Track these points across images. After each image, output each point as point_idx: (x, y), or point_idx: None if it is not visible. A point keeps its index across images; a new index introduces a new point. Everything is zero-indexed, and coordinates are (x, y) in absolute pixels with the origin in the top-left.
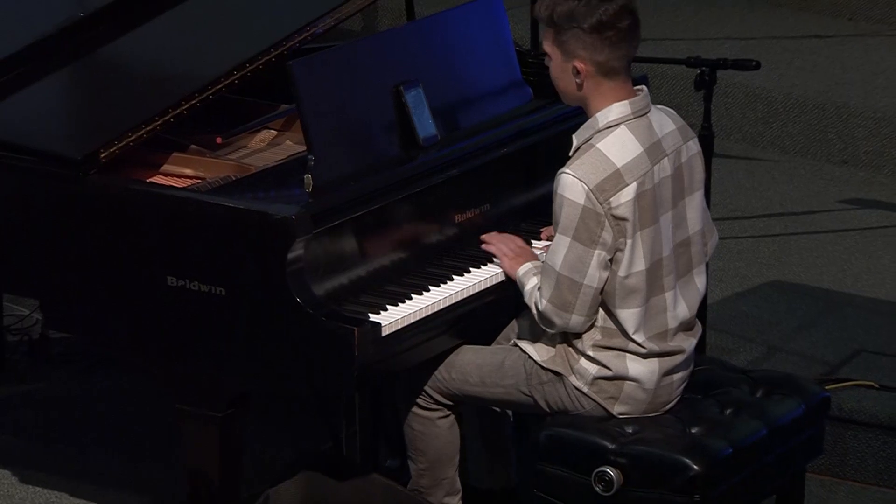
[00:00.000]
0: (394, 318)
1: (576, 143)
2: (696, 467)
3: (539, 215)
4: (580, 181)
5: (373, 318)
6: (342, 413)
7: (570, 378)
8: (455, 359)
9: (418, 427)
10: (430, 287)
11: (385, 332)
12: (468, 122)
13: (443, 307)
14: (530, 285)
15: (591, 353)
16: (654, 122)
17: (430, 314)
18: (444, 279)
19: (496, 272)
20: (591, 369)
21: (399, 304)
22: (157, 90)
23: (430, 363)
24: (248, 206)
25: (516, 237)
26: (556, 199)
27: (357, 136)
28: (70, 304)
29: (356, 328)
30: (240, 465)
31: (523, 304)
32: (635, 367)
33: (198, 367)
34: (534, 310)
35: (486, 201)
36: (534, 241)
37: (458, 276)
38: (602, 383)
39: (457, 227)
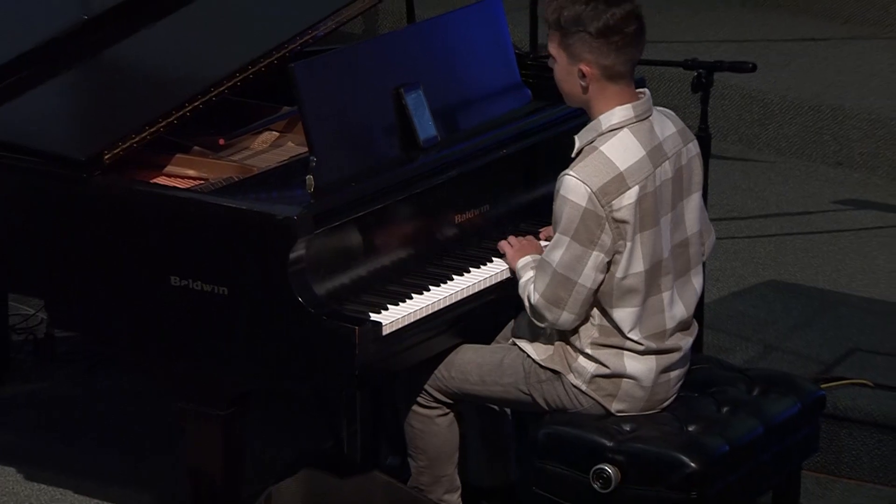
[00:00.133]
0: (394, 317)
1: (578, 144)
2: (693, 465)
3: (538, 216)
4: (583, 184)
5: (374, 317)
6: (343, 411)
7: (568, 376)
8: (455, 357)
9: (418, 425)
10: (431, 287)
11: (386, 332)
12: (468, 124)
13: (443, 307)
14: (525, 278)
15: (589, 351)
16: (655, 124)
17: (430, 313)
18: (444, 279)
19: (496, 272)
20: (590, 367)
21: (400, 303)
22: (160, 92)
23: (430, 362)
24: (251, 207)
25: (531, 238)
26: (558, 200)
27: (358, 137)
28: (74, 304)
29: (357, 327)
30: (242, 464)
31: (522, 304)
32: (633, 364)
33: (200, 365)
34: (526, 302)
35: (485, 202)
36: None
37: (458, 275)
38: (600, 381)
39: (457, 228)
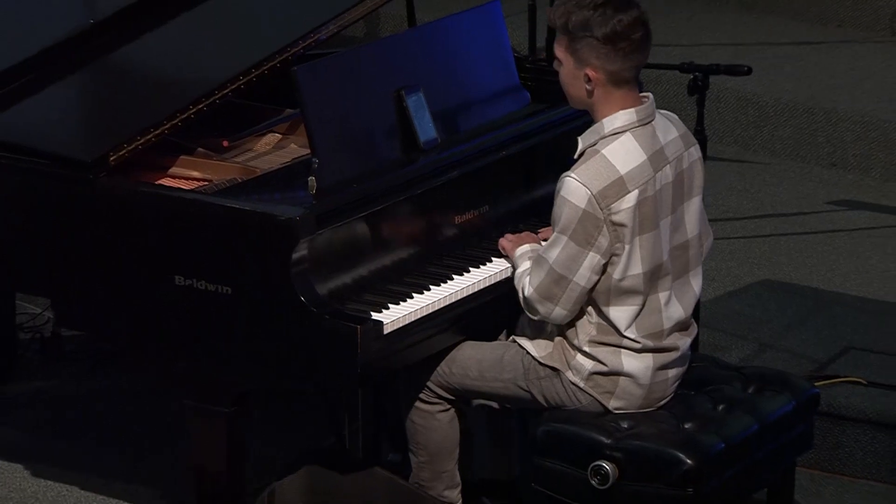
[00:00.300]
0: (395, 316)
1: (581, 146)
2: (689, 462)
3: (537, 216)
4: (584, 186)
5: (375, 316)
6: (345, 409)
7: (566, 373)
8: (456, 354)
9: (419, 420)
10: (431, 286)
11: (387, 330)
12: (468, 126)
13: (443, 306)
14: (521, 268)
15: (586, 348)
16: (658, 129)
17: (430, 312)
18: (444, 278)
19: (495, 272)
20: (587, 365)
21: (400, 302)
22: (165, 95)
23: (432, 359)
24: (254, 208)
25: (529, 232)
26: (559, 201)
27: (359, 139)
28: (80, 303)
29: (359, 326)
30: (245, 460)
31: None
32: (630, 362)
33: (204, 364)
34: (520, 294)
35: (485, 203)
36: None
37: (458, 275)
38: (598, 378)
39: (457, 228)
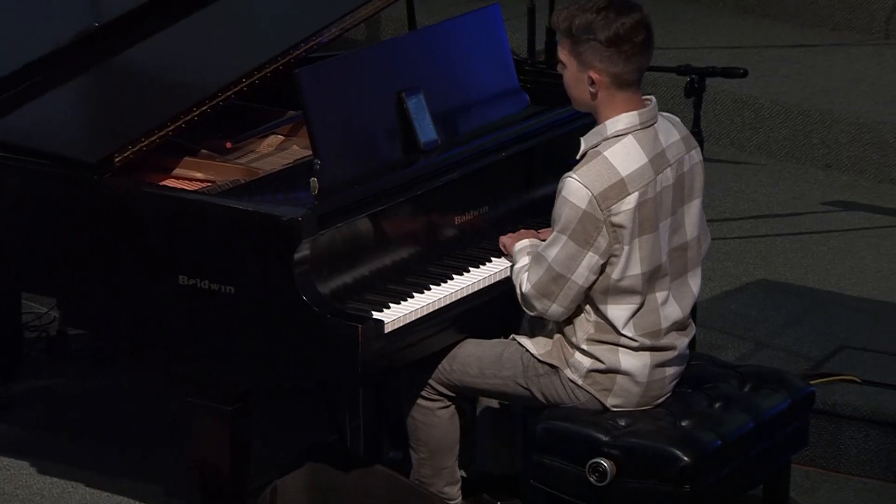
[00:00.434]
0: (396, 315)
1: (583, 146)
2: (686, 459)
3: (536, 216)
4: (585, 187)
5: (376, 315)
6: (346, 407)
7: (565, 371)
8: (457, 351)
9: (419, 417)
10: (431, 286)
11: (388, 329)
12: (468, 128)
13: (443, 305)
14: (520, 263)
15: (585, 346)
16: (660, 131)
17: (431, 312)
18: (444, 278)
19: (495, 271)
20: (585, 362)
21: (401, 302)
22: (169, 97)
23: (433, 357)
24: (257, 209)
25: (527, 230)
26: (559, 200)
27: (361, 141)
28: (85, 302)
29: (360, 325)
30: (248, 457)
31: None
32: (627, 360)
33: (207, 362)
34: (517, 289)
35: (484, 203)
36: None
37: (458, 275)
38: (596, 376)
39: (457, 229)
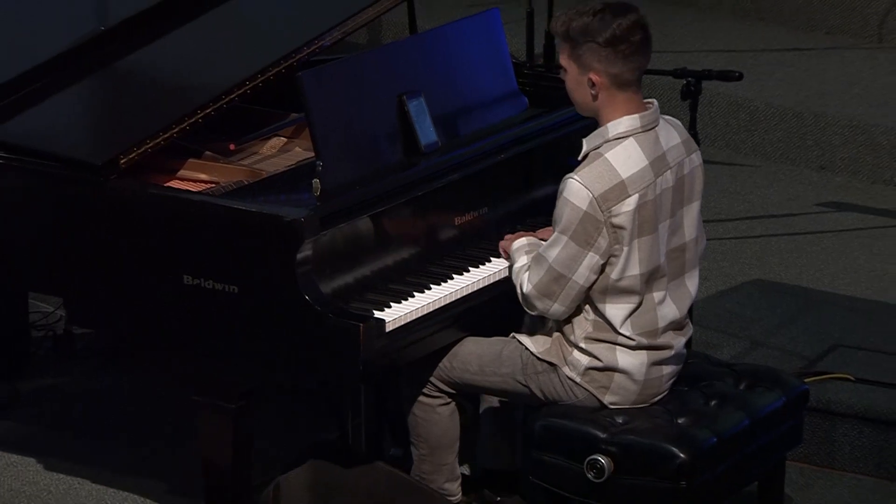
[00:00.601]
0: (397, 314)
1: (585, 148)
2: (682, 456)
3: (535, 217)
4: (586, 188)
5: (377, 314)
6: (348, 404)
7: (563, 369)
8: (457, 349)
9: (420, 414)
10: (432, 285)
11: (389, 328)
12: (467, 130)
13: (444, 304)
14: (519, 263)
15: (583, 345)
16: (661, 135)
17: (431, 311)
18: (444, 278)
19: (494, 271)
20: (583, 360)
21: (402, 301)
22: (174, 100)
23: (433, 354)
24: (260, 209)
25: (529, 232)
26: (560, 201)
27: (362, 142)
28: (91, 302)
29: (361, 324)
30: (251, 454)
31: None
32: (625, 358)
33: (211, 361)
34: (518, 290)
35: (484, 204)
36: None
37: (458, 274)
38: (594, 374)
39: (457, 229)
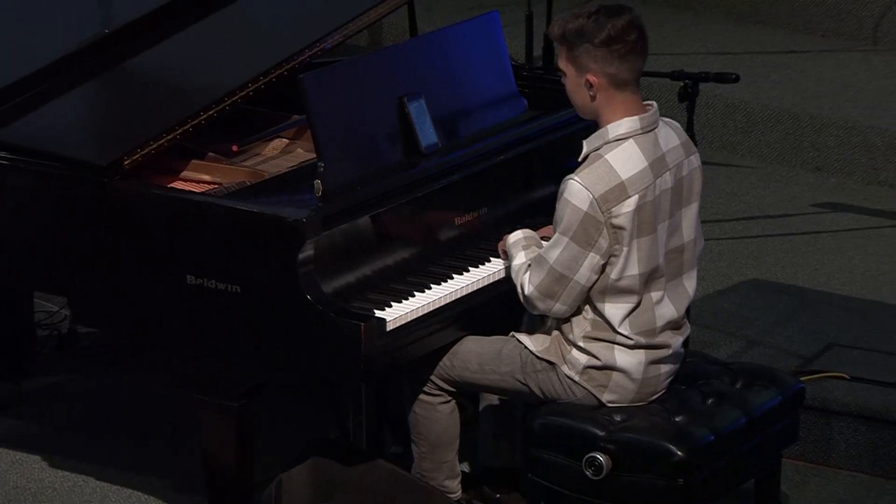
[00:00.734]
0: (398, 314)
1: (585, 149)
2: (679, 453)
3: (534, 217)
4: (586, 189)
5: (378, 314)
6: (350, 403)
7: (562, 367)
8: (458, 347)
9: (421, 412)
10: (432, 285)
11: (390, 327)
12: (467, 131)
13: (444, 304)
14: (517, 261)
15: (581, 343)
16: (660, 136)
17: (431, 310)
18: (445, 278)
19: (494, 271)
20: (582, 359)
21: (403, 300)
22: (177, 101)
23: (434, 353)
24: (262, 210)
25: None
26: (561, 202)
27: (363, 144)
28: (95, 301)
29: (362, 323)
30: (254, 452)
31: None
32: (623, 357)
33: (214, 359)
34: (519, 290)
35: (484, 205)
36: None
37: (458, 274)
38: (592, 372)
39: (457, 229)
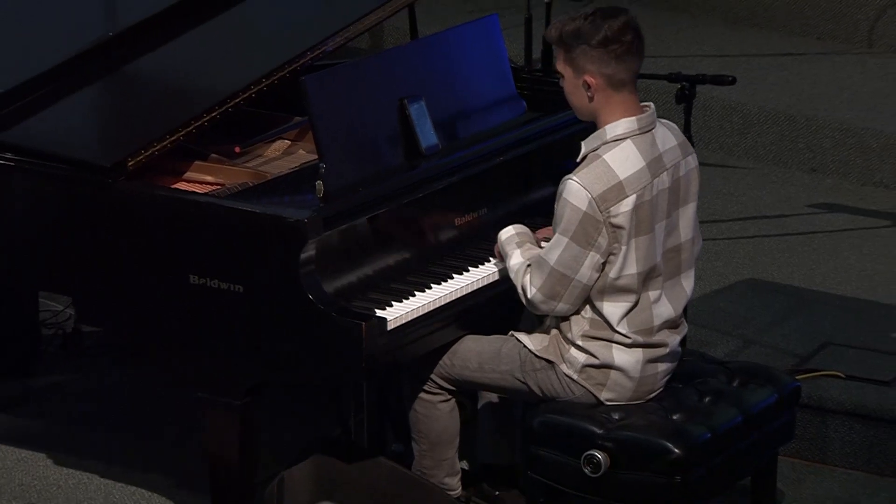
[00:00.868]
0: (398, 313)
1: (584, 150)
2: (677, 451)
3: (533, 218)
4: (585, 189)
5: (379, 313)
6: (351, 401)
7: (560, 366)
8: (458, 347)
9: (421, 410)
10: (433, 284)
11: (390, 327)
12: (467, 133)
13: (444, 303)
14: (514, 260)
15: (580, 342)
16: (657, 137)
17: (432, 310)
18: (445, 277)
19: (493, 271)
20: (580, 358)
21: (403, 300)
22: (180, 103)
23: (434, 352)
24: (264, 211)
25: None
26: (560, 202)
27: (365, 145)
28: (100, 301)
29: (364, 323)
30: (256, 449)
31: (521, 303)
32: (621, 356)
33: (216, 358)
34: (521, 293)
35: (483, 206)
36: None
37: (458, 274)
38: (590, 371)
39: (456, 230)
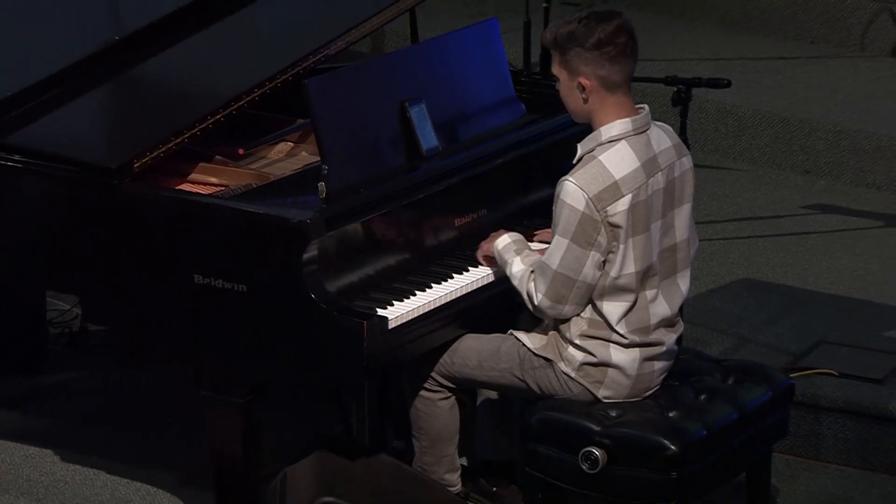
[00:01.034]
0: (399, 312)
1: (580, 151)
2: (673, 448)
3: (532, 218)
4: (581, 190)
5: (380, 312)
6: (352, 399)
7: (559, 364)
8: (457, 345)
9: (422, 408)
10: (433, 284)
11: (391, 326)
12: (467, 135)
13: (444, 302)
14: (516, 268)
15: (578, 341)
16: (652, 138)
17: (432, 309)
18: (445, 277)
19: (492, 271)
20: (578, 356)
21: (404, 299)
22: (185, 106)
23: (435, 351)
24: (268, 211)
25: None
26: (558, 204)
27: (366, 147)
28: (106, 300)
29: (365, 322)
30: (259, 446)
31: (519, 303)
32: (618, 355)
33: (220, 357)
34: (526, 299)
35: (483, 207)
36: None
37: (458, 274)
38: (588, 369)
39: (456, 231)
